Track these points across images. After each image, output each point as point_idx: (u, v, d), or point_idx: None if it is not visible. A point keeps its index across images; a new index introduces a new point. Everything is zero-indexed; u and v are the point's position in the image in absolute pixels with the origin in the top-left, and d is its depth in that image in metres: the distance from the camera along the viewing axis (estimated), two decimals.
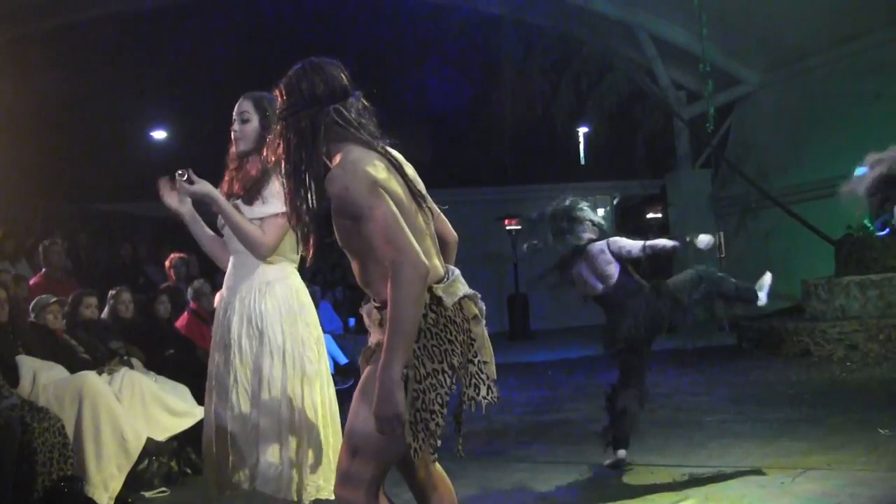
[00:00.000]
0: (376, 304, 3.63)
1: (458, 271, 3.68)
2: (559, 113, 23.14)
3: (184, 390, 7.99)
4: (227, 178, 4.92)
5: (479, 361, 3.56)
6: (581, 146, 26.63)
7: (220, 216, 4.77)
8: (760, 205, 21.78)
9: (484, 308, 3.69)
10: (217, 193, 4.72)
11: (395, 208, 3.36)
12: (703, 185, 24.04)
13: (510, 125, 24.34)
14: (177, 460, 7.66)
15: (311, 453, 4.65)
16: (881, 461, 6.61)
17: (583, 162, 26.91)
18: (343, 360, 13.12)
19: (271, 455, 4.58)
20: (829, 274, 15.51)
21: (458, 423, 3.68)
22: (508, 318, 22.92)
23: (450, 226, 3.88)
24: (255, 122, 4.79)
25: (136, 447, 7.02)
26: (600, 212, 26.29)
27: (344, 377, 12.95)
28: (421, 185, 3.69)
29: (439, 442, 3.43)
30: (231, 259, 4.86)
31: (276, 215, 4.63)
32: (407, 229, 3.34)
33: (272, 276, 4.76)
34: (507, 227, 22.95)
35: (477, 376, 3.55)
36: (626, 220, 28.66)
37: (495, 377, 3.63)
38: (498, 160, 25.07)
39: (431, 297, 3.46)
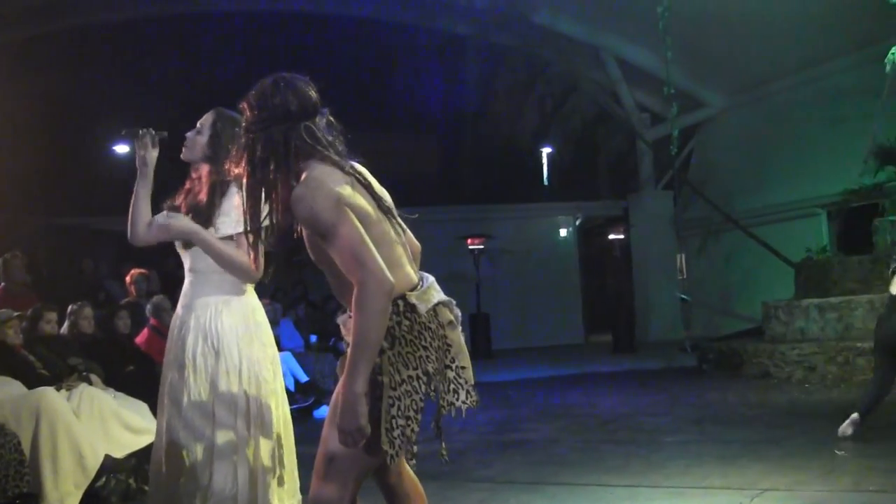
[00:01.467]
0: (351, 315, 3.53)
1: (432, 278, 3.74)
2: (523, 133, 23.25)
3: (143, 407, 7.92)
4: (186, 186, 4.92)
5: (456, 367, 3.68)
6: (545, 167, 26.71)
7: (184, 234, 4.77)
8: (722, 227, 21.95)
9: (459, 315, 3.76)
10: (198, 229, 4.72)
11: (359, 225, 3.37)
12: (666, 207, 24.18)
13: (474, 145, 24.43)
14: (135, 478, 7.58)
15: (266, 473, 4.63)
16: (838, 482, 6.65)
17: (546, 182, 26.99)
18: (304, 377, 13.06)
19: (227, 475, 4.55)
20: (788, 296, 15.62)
21: (438, 429, 3.73)
22: (470, 338, 22.89)
23: (412, 236, 3.93)
24: (204, 137, 4.80)
25: (94, 464, 6.96)
26: (563, 232, 26.56)
27: (305, 395, 12.90)
28: (388, 200, 3.73)
29: (416, 448, 3.50)
30: (187, 277, 4.84)
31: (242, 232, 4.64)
32: (371, 246, 3.35)
33: (228, 294, 4.74)
34: (470, 247, 22.97)
35: (455, 381, 3.67)
36: (589, 241, 28.78)
37: (473, 382, 3.75)
38: (461, 179, 25.15)
39: (405, 305, 3.49)
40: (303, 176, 3.48)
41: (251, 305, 4.82)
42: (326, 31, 22.96)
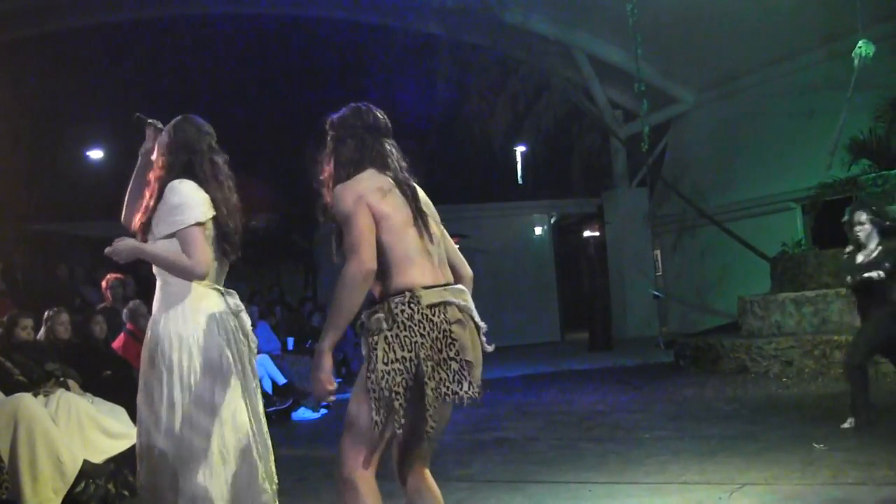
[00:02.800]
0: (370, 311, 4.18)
1: (463, 287, 4.37)
2: (497, 132, 23.26)
3: (120, 411, 7.91)
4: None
5: (461, 360, 4.11)
6: (519, 165, 26.75)
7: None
8: (697, 223, 22.03)
9: (482, 325, 4.35)
10: (139, 245, 4.84)
11: (370, 221, 4.12)
12: (640, 204, 24.25)
13: (448, 144, 24.43)
14: (114, 482, 7.56)
15: (243, 473, 4.65)
16: (816, 475, 6.69)
17: (520, 181, 27.04)
18: (281, 380, 13.04)
19: (204, 476, 4.56)
20: (764, 291, 15.70)
21: (428, 410, 4.06)
22: None
23: (464, 262, 4.72)
24: (149, 144, 4.96)
25: (73, 470, 6.95)
26: (538, 230, 26.61)
27: (282, 397, 12.88)
28: (431, 213, 4.53)
29: (403, 420, 3.98)
30: (158, 282, 4.85)
31: (182, 229, 4.67)
32: (370, 239, 4.09)
33: (197, 297, 4.75)
34: None
35: (459, 373, 4.10)
36: (564, 239, 28.84)
37: (479, 381, 4.26)
38: (436, 179, 25.13)
39: (411, 296, 4.08)
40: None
41: (219, 305, 4.83)
42: (299, 32, 22.93)
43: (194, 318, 4.70)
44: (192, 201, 4.75)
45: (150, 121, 5.07)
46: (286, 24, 22.94)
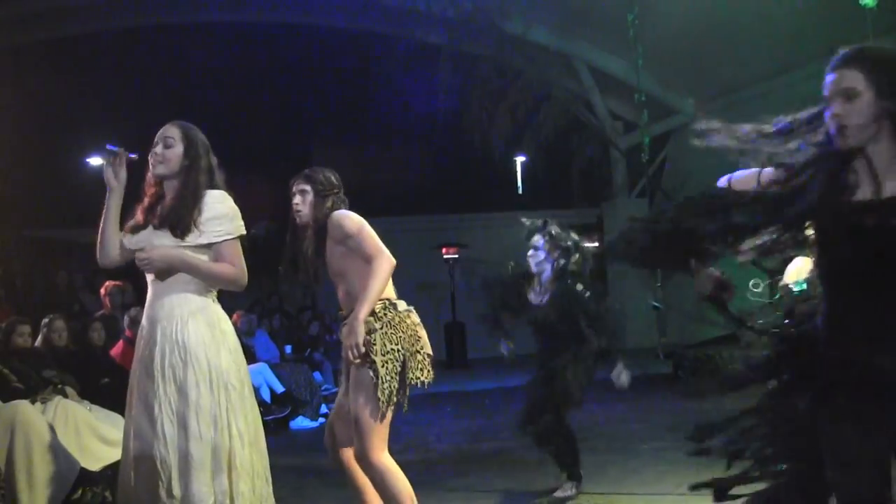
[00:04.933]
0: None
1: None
2: (496, 142, 23.25)
3: (118, 419, 7.86)
4: (145, 203, 4.92)
5: (423, 352, 5.30)
6: (518, 175, 26.73)
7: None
8: None
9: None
10: (178, 254, 4.77)
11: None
12: (640, 215, 24.17)
13: (448, 155, 24.43)
14: (111, 490, 7.55)
15: (241, 481, 4.64)
16: None
17: (520, 191, 27.02)
18: (280, 388, 13.02)
19: (203, 484, 4.55)
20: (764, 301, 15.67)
21: (406, 393, 5.27)
22: (446, 347, 22.90)
23: None
24: (179, 148, 4.83)
25: (70, 477, 6.94)
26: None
27: (280, 406, 12.86)
28: None
29: (395, 400, 5.15)
30: (150, 289, 4.84)
31: (228, 240, 4.69)
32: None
33: (193, 305, 4.75)
34: (445, 256, 22.96)
35: (423, 363, 5.27)
36: None
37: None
38: (435, 189, 25.15)
39: (390, 303, 5.29)
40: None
41: (217, 314, 4.83)
42: (299, 41, 22.93)
43: (195, 326, 4.70)
44: (234, 213, 4.85)
45: (118, 150, 4.92)
46: (287, 33, 22.93)
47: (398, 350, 5.17)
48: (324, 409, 13.45)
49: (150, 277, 4.84)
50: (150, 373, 4.67)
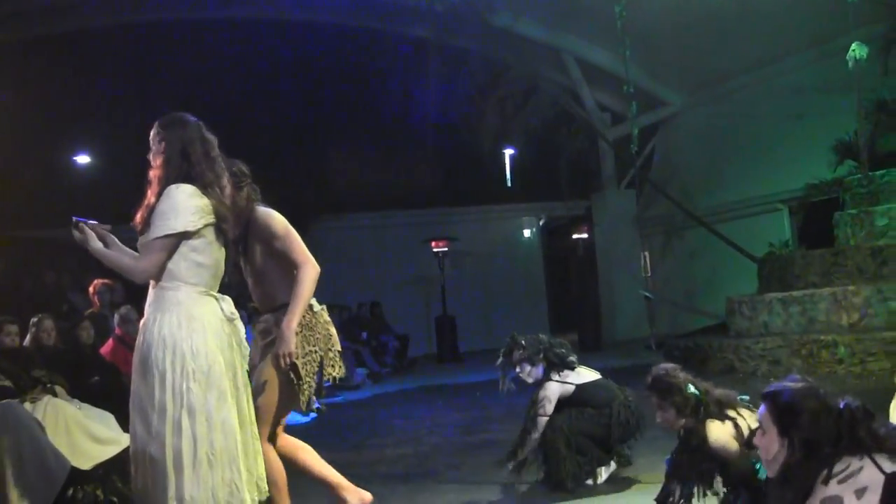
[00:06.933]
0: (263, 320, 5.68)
1: None
2: (485, 135, 23.25)
3: (108, 417, 7.87)
4: (143, 203, 4.92)
5: (334, 350, 5.58)
6: (507, 168, 26.76)
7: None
8: (685, 224, 22.04)
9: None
10: (92, 244, 4.83)
11: None
12: (629, 206, 24.26)
13: (437, 148, 24.43)
14: (102, 488, 7.53)
15: (230, 480, 4.63)
16: None
17: (509, 184, 27.05)
18: None
19: (192, 482, 4.55)
20: (752, 291, 15.71)
21: (318, 390, 5.62)
22: (437, 340, 22.94)
23: None
24: (158, 147, 4.88)
25: (61, 476, 6.91)
26: (526, 233, 26.61)
27: None
28: None
29: (313, 398, 5.49)
30: (151, 287, 4.84)
31: (155, 238, 4.64)
32: None
33: (192, 304, 4.72)
34: (434, 249, 22.97)
35: (334, 360, 5.57)
36: (553, 242, 28.86)
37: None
38: (425, 183, 25.16)
39: (309, 305, 5.47)
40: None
41: (213, 312, 4.82)
42: (287, 37, 22.90)
43: (188, 323, 4.68)
44: (178, 210, 4.71)
45: (81, 224, 4.88)
46: (274, 29, 22.90)
47: (315, 351, 5.46)
48: (316, 403, 13.43)
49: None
50: (146, 369, 4.66)
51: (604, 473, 7.27)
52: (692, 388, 5.36)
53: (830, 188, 16.26)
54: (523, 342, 7.53)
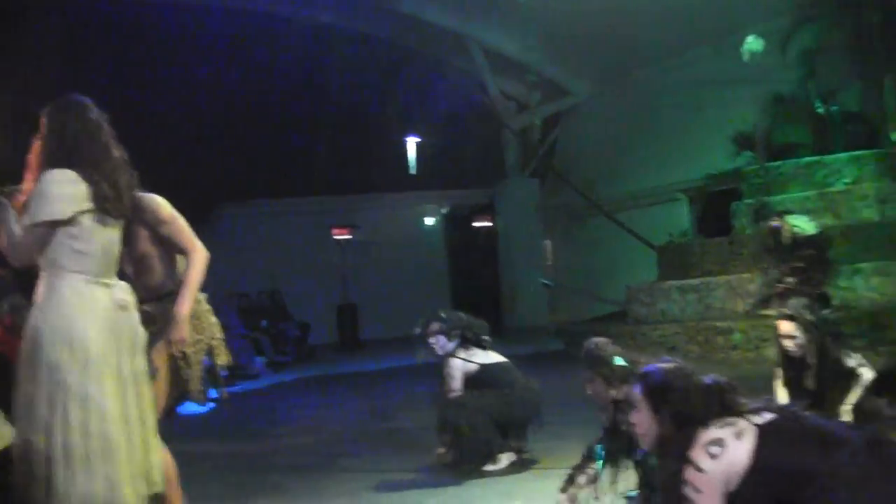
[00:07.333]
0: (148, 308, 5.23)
1: None
2: (389, 122, 23.24)
3: None
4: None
5: (218, 338, 5.54)
6: (411, 156, 26.76)
7: None
8: (587, 213, 22.27)
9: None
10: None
11: None
12: (532, 194, 24.43)
13: (339, 135, 24.36)
14: None
15: (110, 473, 4.54)
16: None
17: (413, 171, 27.05)
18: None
19: (76, 475, 4.46)
20: (652, 279, 15.92)
21: (214, 378, 5.67)
22: (338, 329, 22.87)
23: None
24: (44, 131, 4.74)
25: None
26: (429, 221, 26.63)
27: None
28: None
29: (202, 386, 5.50)
30: (41, 273, 4.73)
31: (27, 226, 4.55)
32: None
33: (76, 292, 4.62)
34: (336, 237, 22.90)
35: (220, 348, 5.56)
36: (456, 230, 28.93)
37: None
38: (326, 170, 25.05)
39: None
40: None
41: (99, 300, 4.71)
42: (194, 24, 22.62)
43: (70, 311, 4.58)
44: (48, 198, 4.58)
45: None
46: (176, 15, 22.62)
47: (202, 340, 5.46)
48: (213, 393, 13.31)
49: (40, 261, 4.74)
50: (31, 358, 4.54)
51: (504, 460, 7.31)
52: (620, 360, 5.44)
53: (729, 179, 16.53)
54: (443, 315, 7.78)
